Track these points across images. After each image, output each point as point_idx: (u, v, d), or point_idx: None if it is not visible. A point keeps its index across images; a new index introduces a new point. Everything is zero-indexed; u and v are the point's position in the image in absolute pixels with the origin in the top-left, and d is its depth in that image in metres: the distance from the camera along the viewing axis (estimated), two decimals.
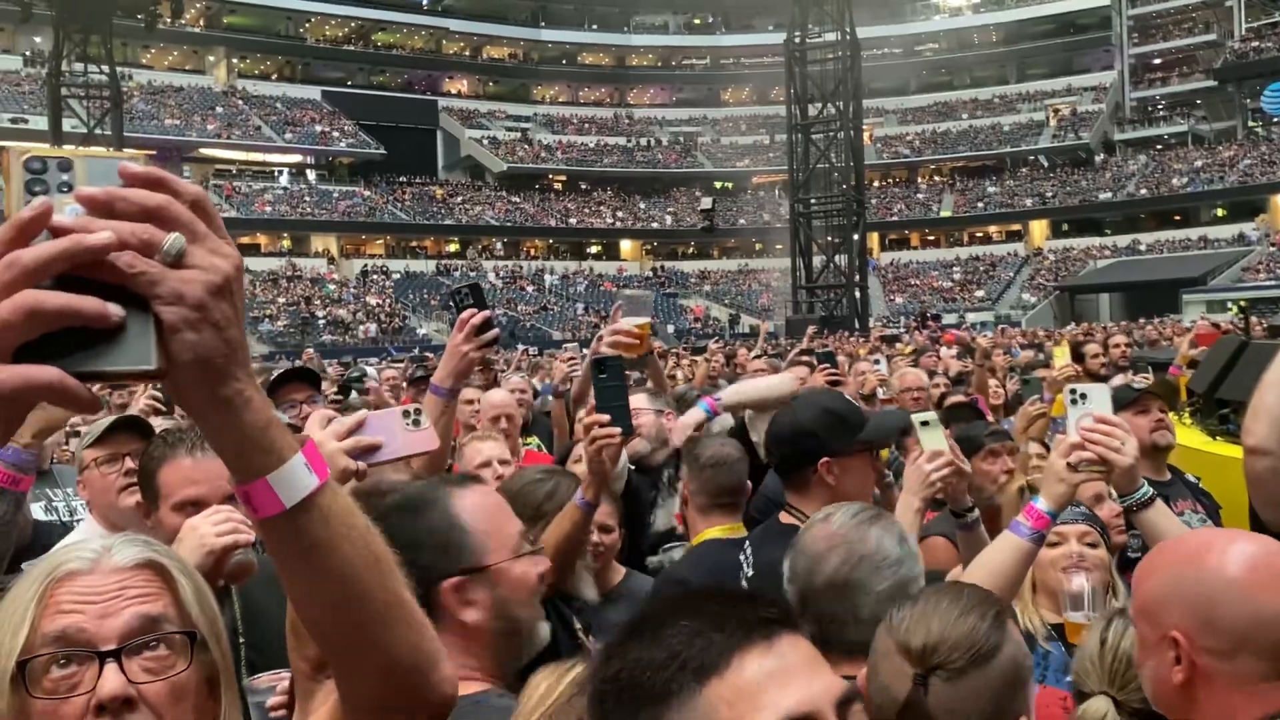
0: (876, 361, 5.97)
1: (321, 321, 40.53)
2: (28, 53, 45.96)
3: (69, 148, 0.74)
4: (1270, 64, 50.02)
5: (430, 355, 22.02)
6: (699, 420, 3.31)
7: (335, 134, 51.15)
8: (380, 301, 43.86)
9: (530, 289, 48.60)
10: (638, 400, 3.23)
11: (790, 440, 2.46)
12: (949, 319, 36.52)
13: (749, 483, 2.91)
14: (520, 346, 31.42)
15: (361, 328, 40.42)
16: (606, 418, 2.37)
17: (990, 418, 4.37)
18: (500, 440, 3.42)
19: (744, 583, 2.36)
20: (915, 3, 59.47)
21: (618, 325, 3.28)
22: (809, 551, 1.80)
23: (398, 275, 46.95)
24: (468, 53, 58.82)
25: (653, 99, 63.10)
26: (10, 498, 1.94)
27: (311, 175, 51.52)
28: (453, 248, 51.56)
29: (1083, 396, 2.08)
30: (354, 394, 7.77)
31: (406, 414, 1.69)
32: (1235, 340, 3.92)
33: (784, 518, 2.45)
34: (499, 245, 52.56)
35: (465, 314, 2.33)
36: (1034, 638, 2.33)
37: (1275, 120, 49.96)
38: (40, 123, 36.11)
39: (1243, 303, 34.74)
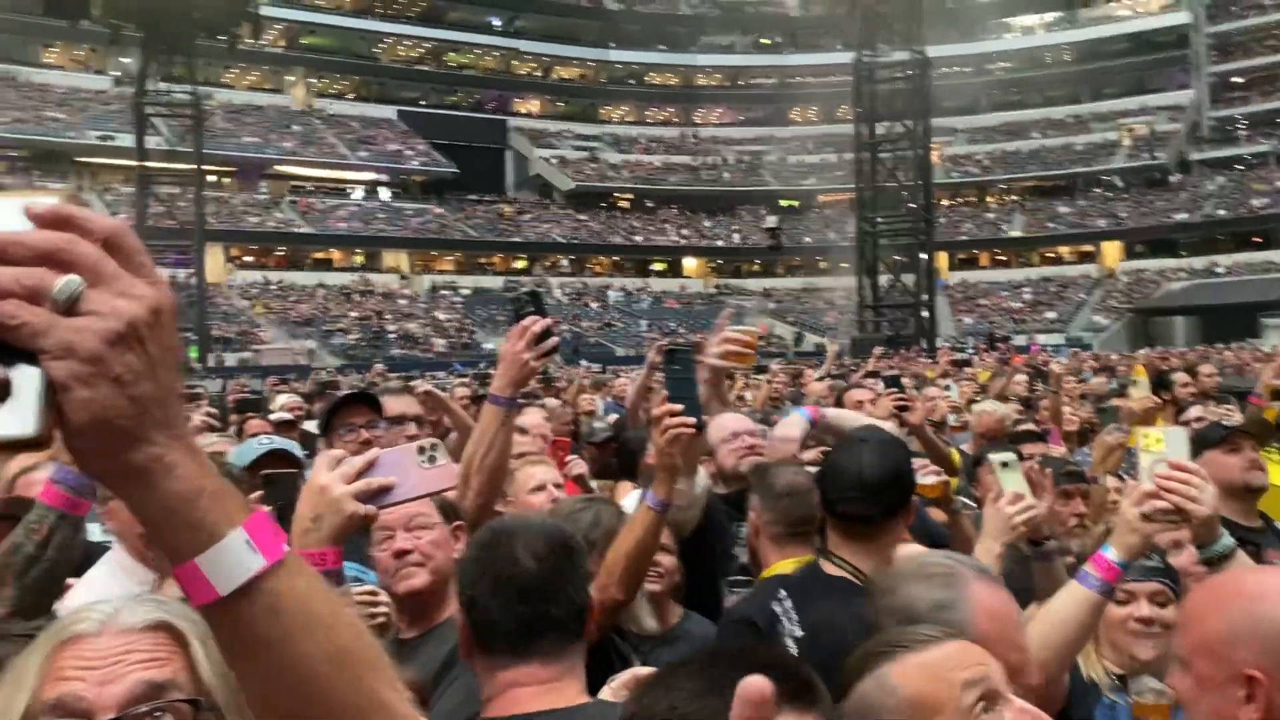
0: (947, 387, 5.92)
1: (391, 336, 41.23)
2: (116, 73, 47.62)
3: None
4: None
5: (492, 372, 22.39)
6: (802, 429, 3.16)
7: (408, 152, 52.16)
8: (449, 317, 44.52)
9: (595, 306, 48.93)
10: (733, 420, 3.21)
11: (881, 489, 2.29)
12: (1018, 341, 35.92)
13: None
14: (584, 363, 31.66)
15: (430, 342, 41.03)
16: (679, 407, 2.28)
17: (1064, 447, 4.36)
18: (552, 463, 3.33)
19: (790, 641, 2.24)
20: (986, 21, 58.76)
21: (730, 331, 3.13)
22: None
23: (466, 291, 47.64)
24: (538, 73, 59.61)
25: (719, 118, 63.24)
26: (70, 522, 1.89)
27: (385, 193, 52.56)
28: (520, 265, 52.19)
29: (1156, 440, 1.96)
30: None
31: (421, 450, 1.57)
32: None
33: (829, 569, 2.33)
34: (565, 262, 53.05)
35: (526, 320, 2.30)
36: (1098, 688, 2.21)
37: None
38: (126, 140, 37.42)
39: None
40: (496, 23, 57.83)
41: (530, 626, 1.67)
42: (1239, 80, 55.65)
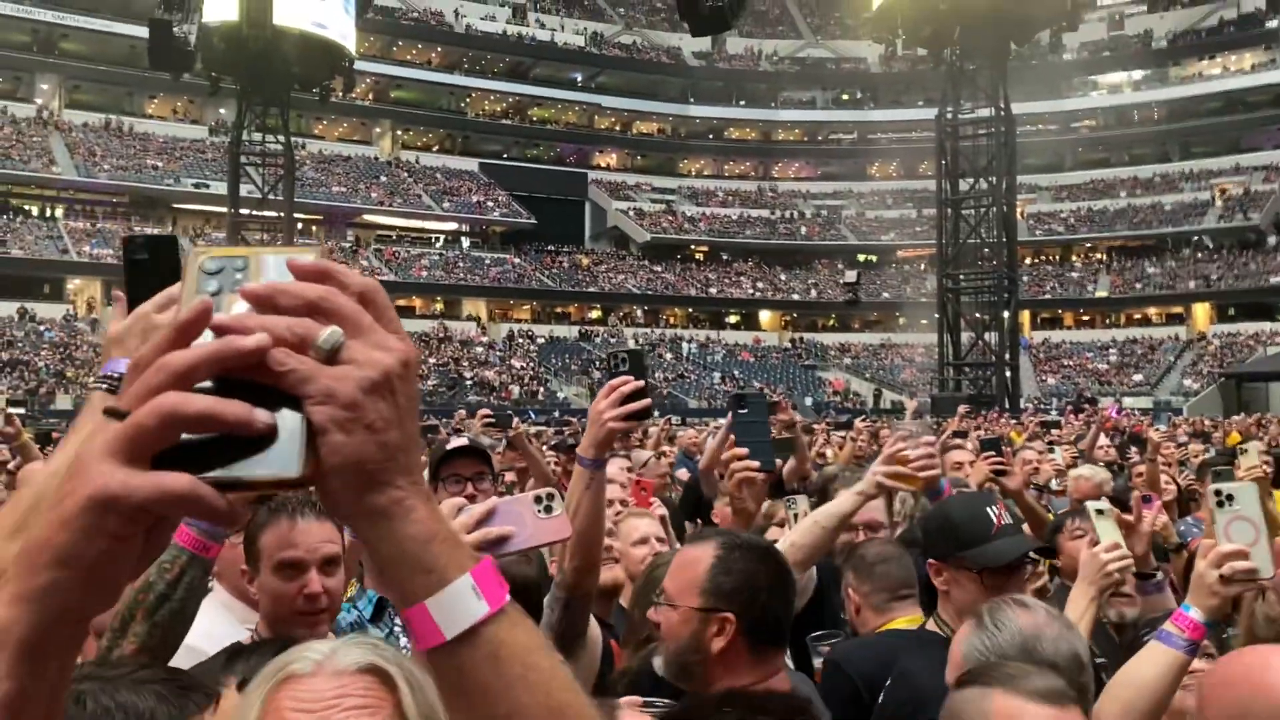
0: (1051, 448, 5.70)
1: (469, 382, 41.69)
2: (213, 123, 49.56)
3: (248, 247, 0.74)
4: None
5: (573, 420, 22.41)
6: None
7: (489, 204, 53.17)
8: (524, 364, 44.93)
9: (668, 357, 48.96)
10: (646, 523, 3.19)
11: (924, 536, 2.40)
12: (1105, 403, 34.96)
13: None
14: (656, 413, 31.62)
15: (506, 389, 41.40)
16: (745, 451, 2.31)
17: (1165, 516, 4.14)
18: (654, 517, 3.34)
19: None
20: (1072, 79, 58.08)
21: (903, 450, 2.87)
22: None
23: (542, 340, 48.09)
24: (617, 128, 60.48)
25: (797, 172, 63.32)
26: (200, 564, 1.89)
27: (465, 242, 53.57)
28: (595, 314, 52.58)
29: (1229, 498, 1.92)
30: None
31: (539, 500, 1.60)
32: None
33: (931, 625, 2.40)
34: (640, 313, 53.28)
35: (614, 381, 2.24)
36: None
37: None
38: (220, 188, 38.79)
39: None
40: (579, 78, 58.92)
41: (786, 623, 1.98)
42: None
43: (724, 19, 27.83)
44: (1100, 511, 2.32)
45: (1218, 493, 1.92)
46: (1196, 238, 53.32)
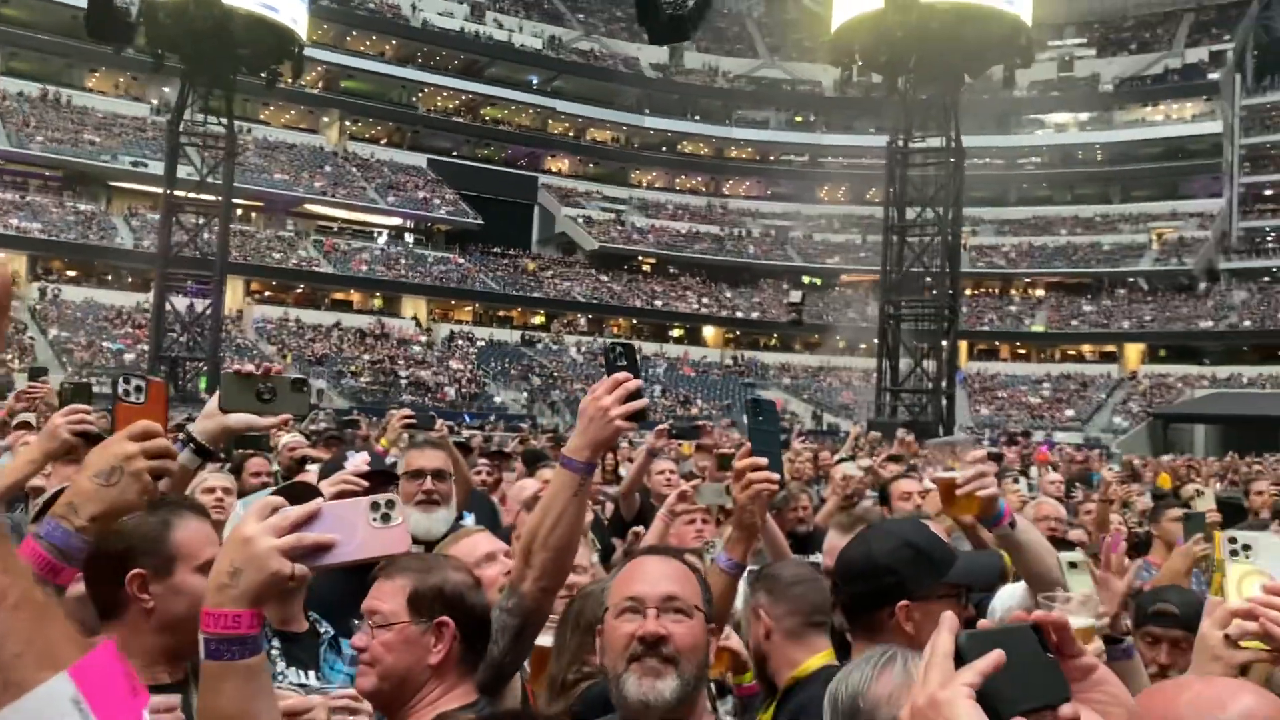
0: (1015, 480, 5.49)
1: (404, 381, 41.01)
2: (155, 101, 48.26)
3: None
4: None
5: (522, 427, 22.06)
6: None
7: (436, 201, 52.48)
8: (462, 367, 44.33)
9: None
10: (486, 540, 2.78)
11: (864, 576, 2.09)
12: (1037, 437, 35.41)
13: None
14: None
15: (442, 391, 40.78)
16: (764, 460, 2.11)
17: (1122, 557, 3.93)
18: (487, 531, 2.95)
19: None
20: (1021, 116, 59.14)
21: (942, 476, 2.55)
22: None
23: (482, 343, 47.54)
24: (571, 133, 60.17)
25: (748, 191, 63.59)
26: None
27: (409, 239, 52.79)
28: (538, 320, 52.13)
29: (1245, 548, 1.66)
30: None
31: (375, 506, 1.42)
32: None
33: None
34: (583, 321, 52.96)
35: (618, 375, 1.98)
36: None
37: None
38: (158, 167, 37.66)
39: None
40: (534, 81, 58.53)
41: None
42: (1270, 193, 55.72)
43: (683, 28, 27.74)
44: (1073, 564, 2.08)
45: (1232, 540, 1.66)
46: (1132, 279, 54.52)
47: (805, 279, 57.42)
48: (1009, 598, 2.60)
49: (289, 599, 2.40)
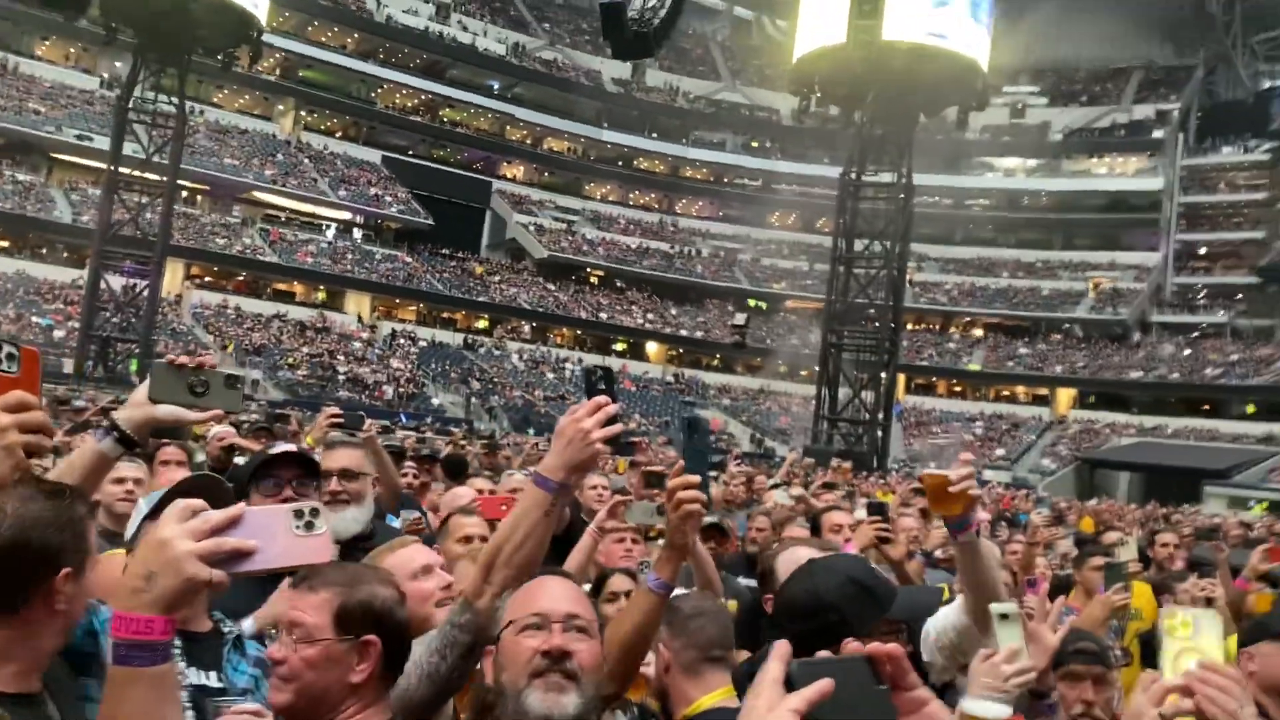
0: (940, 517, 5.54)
1: (341, 377, 40.48)
2: (105, 75, 47.20)
3: None
4: None
5: (454, 430, 21.86)
6: None
7: (388, 198, 51.97)
8: (403, 366, 43.87)
9: (551, 376, 48.55)
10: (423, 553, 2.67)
11: (808, 614, 2.07)
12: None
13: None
14: (531, 432, 31.17)
15: (380, 389, 40.32)
16: (696, 479, 2.06)
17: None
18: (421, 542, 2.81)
19: None
20: (972, 158, 60.31)
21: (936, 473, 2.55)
22: None
23: (424, 343, 47.09)
24: (529, 141, 60.05)
25: (700, 211, 63.95)
26: None
27: (357, 234, 52.19)
28: (482, 324, 51.82)
29: (1184, 624, 1.60)
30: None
31: (299, 514, 1.39)
32: None
33: None
34: (527, 329, 52.75)
35: (600, 398, 1.96)
36: None
37: None
38: (104, 142, 36.80)
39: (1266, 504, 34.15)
40: (495, 86, 58.34)
41: None
42: (1203, 251, 57.46)
43: (647, 46, 27.88)
44: (1005, 616, 2.03)
45: (1172, 615, 1.60)
46: (1068, 325, 55.75)
47: (751, 302, 57.86)
48: (943, 619, 2.63)
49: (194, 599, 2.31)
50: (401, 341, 46.56)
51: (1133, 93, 60.24)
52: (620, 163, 62.03)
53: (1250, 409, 47.66)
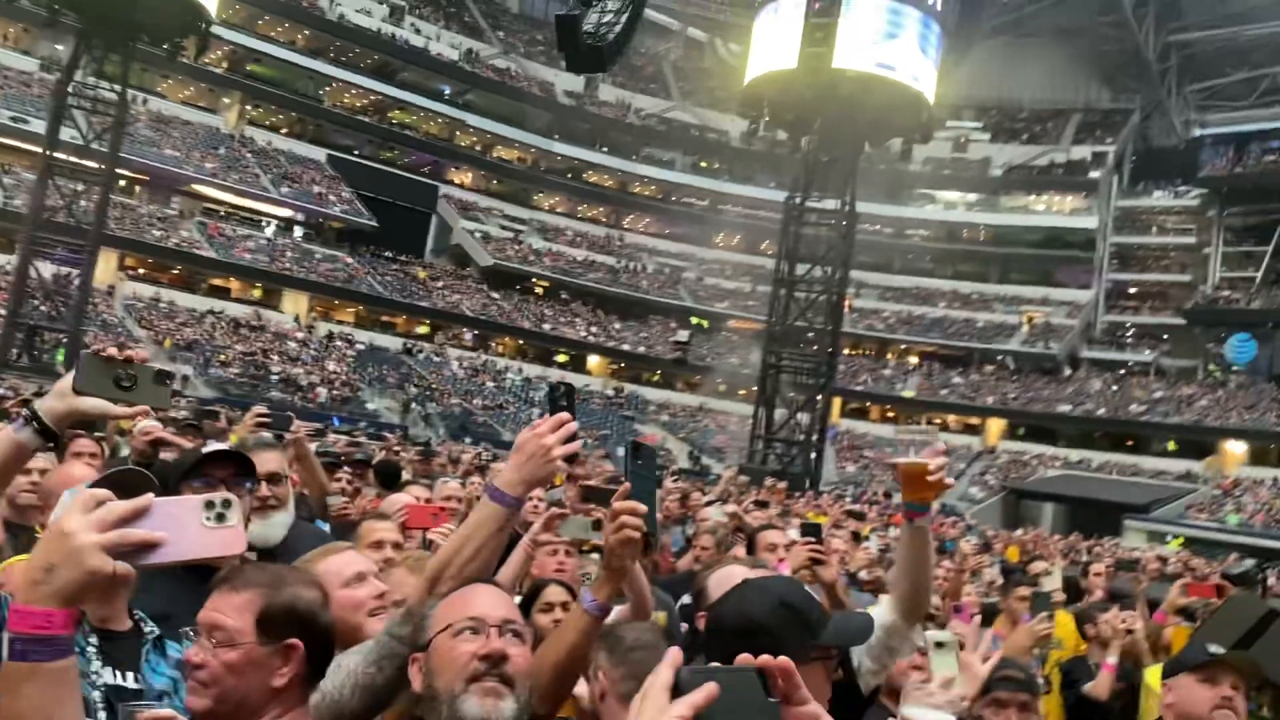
0: (867, 538, 5.63)
1: (274, 377, 39.80)
2: (44, 57, 46.01)
3: None
4: (1237, 315, 52.08)
5: (389, 435, 21.59)
6: None
7: (331, 198, 51.29)
8: (339, 369, 43.26)
9: (490, 385, 48.24)
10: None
11: (737, 635, 1.98)
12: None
13: None
14: (468, 440, 30.92)
15: (314, 391, 39.70)
16: (643, 508, 2.02)
17: (971, 627, 4.08)
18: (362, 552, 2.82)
19: None
20: (914, 190, 61.40)
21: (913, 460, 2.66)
22: None
23: (362, 346, 46.49)
24: (478, 148, 59.77)
25: (647, 227, 64.16)
26: None
27: (298, 232, 51.43)
28: (423, 329, 51.29)
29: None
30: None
31: (210, 505, 1.35)
32: (1261, 605, 3.67)
33: None
34: (469, 336, 52.36)
35: (562, 415, 1.97)
36: None
37: (1234, 369, 51.60)
38: (39, 126, 35.85)
39: (1182, 539, 35.13)
40: (447, 91, 58.03)
41: None
42: (1133, 291, 59.07)
43: (601, 60, 27.96)
44: (940, 644, 2.07)
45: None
46: (1001, 357, 56.86)
47: (693, 319, 58.15)
48: (878, 611, 2.65)
49: (112, 596, 2.23)
50: (338, 343, 45.92)
51: (1071, 133, 61.82)
52: (570, 175, 62.05)
53: (1171, 446, 49.03)
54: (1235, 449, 46.74)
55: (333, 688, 1.86)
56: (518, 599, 2.57)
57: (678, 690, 0.99)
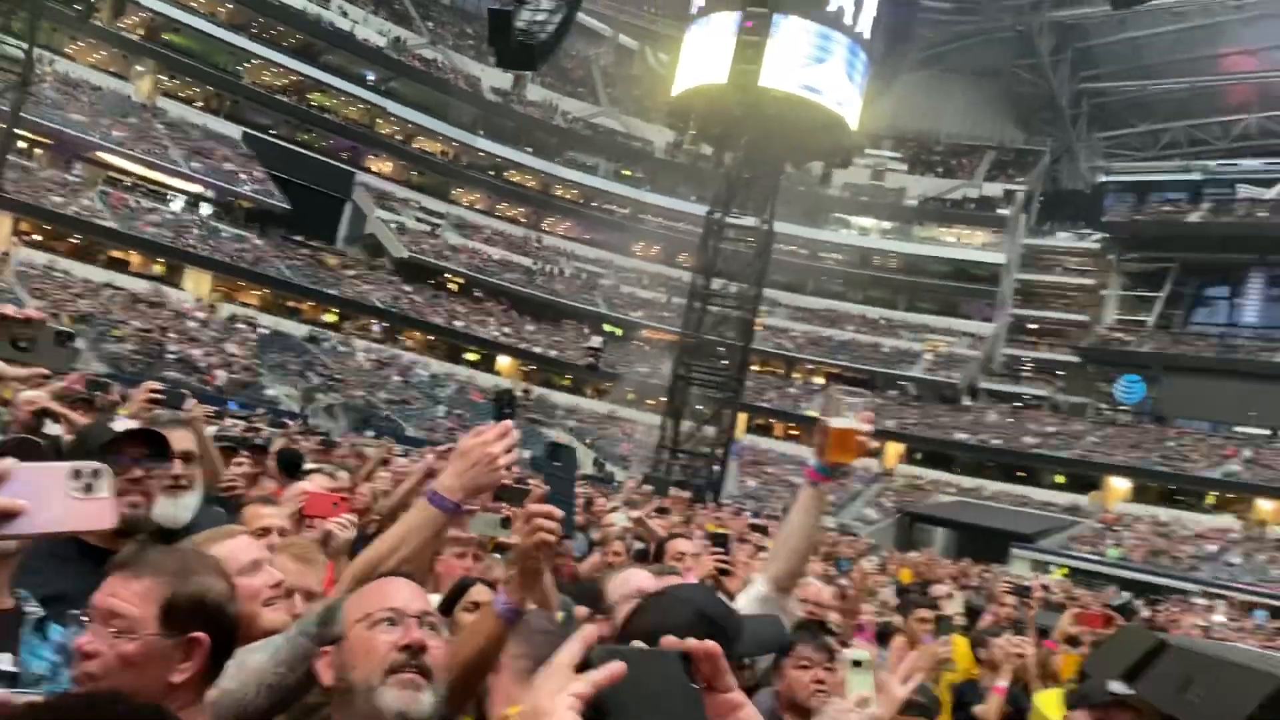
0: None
1: (171, 356, 38.53)
2: None
3: None
4: (1128, 356, 54.23)
5: (289, 422, 21.07)
6: None
7: (243, 176, 49.91)
8: (240, 352, 42.07)
9: (397, 379, 47.46)
10: (642, 577, 2.70)
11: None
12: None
13: None
14: (370, 433, 30.33)
15: (212, 373, 38.54)
16: (560, 513, 2.00)
17: (874, 647, 4.12)
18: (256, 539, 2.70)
19: None
20: (830, 213, 62.55)
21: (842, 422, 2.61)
22: None
23: (265, 331, 45.29)
24: (399, 137, 58.87)
25: (567, 231, 63.96)
26: None
27: (206, 209, 49.89)
28: (330, 318, 50.18)
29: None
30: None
31: (77, 474, 1.28)
32: (1150, 637, 3.74)
33: None
34: (377, 328, 51.44)
35: (507, 423, 1.93)
36: None
37: (1122, 408, 53.70)
38: None
39: (1066, 570, 36.35)
40: (371, 77, 57.05)
41: None
42: (1033, 327, 61.04)
43: (531, 58, 27.82)
44: (858, 663, 2.05)
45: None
46: (903, 383, 58.15)
47: (607, 327, 58.14)
48: (742, 602, 2.63)
49: None
50: (240, 326, 44.66)
51: (985, 170, 63.68)
52: (492, 172, 61.53)
53: (1060, 479, 50.71)
54: (1119, 485, 48.58)
55: (236, 687, 1.76)
56: (435, 597, 2.49)
57: (589, 670, 0.94)
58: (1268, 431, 48.86)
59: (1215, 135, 58.56)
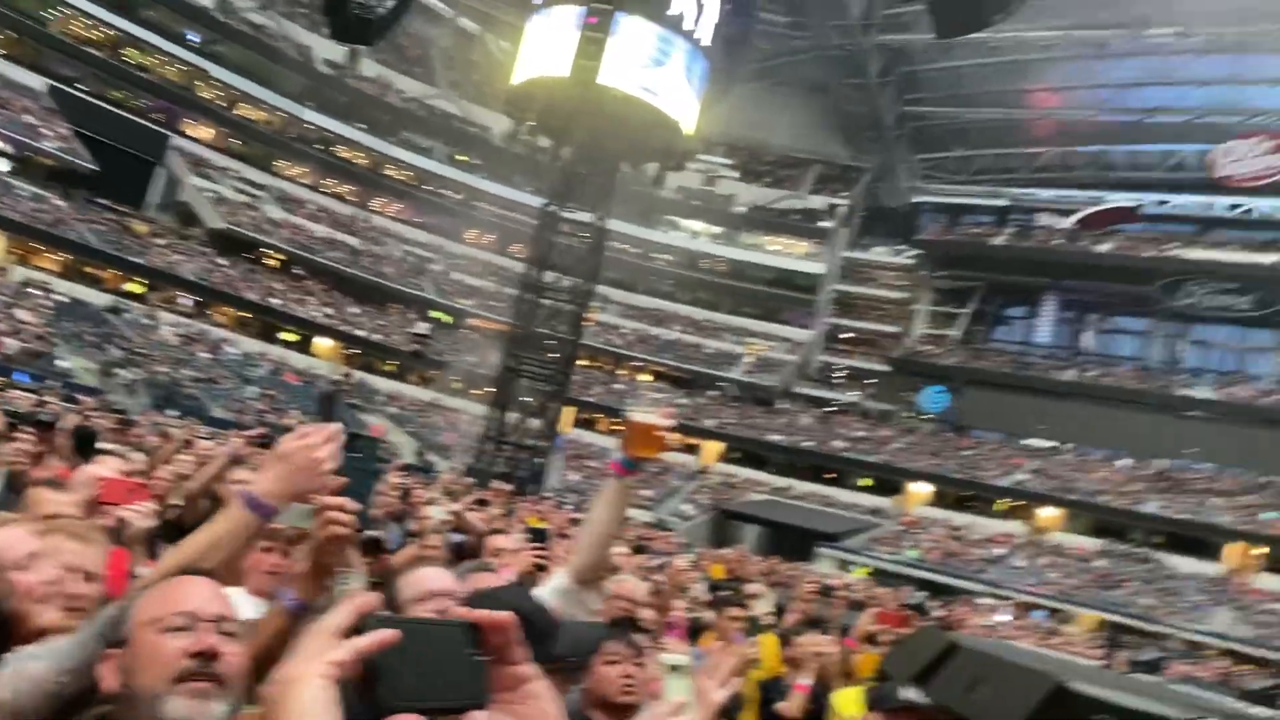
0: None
1: None
2: None
3: None
4: (933, 368, 57.50)
5: (86, 398, 19.72)
6: None
7: (47, 132, 46.35)
8: (33, 320, 39.10)
9: (205, 355, 45.16)
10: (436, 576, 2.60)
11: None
12: None
13: None
14: (173, 412, 28.77)
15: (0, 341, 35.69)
16: (355, 506, 1.93)
17: (686, 645, 4.20)
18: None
19: None
20: (663, 215, 63.52)
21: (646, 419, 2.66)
22: None
23: (62, 298, 42.23)
24: (221, 102, 55.92)
25: (397, 213, 62.40)
26: None
27: (2, 164, 46.08)
28: (135, 288, 47.19)
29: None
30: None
31: None
32: (943, 638, 3.97)
33: None
34: (186, 301, 48.74)
35: (335, 426, 1.85)
36: None
37: (925, 417, 56.84)
38: None
39: (870, 569, 38.14)
40: (193, 38, 54.06)
41: None
42: (847, 336, 63.77)
43: (367, 33, 27.07)
44: (675, 668, 2.01)
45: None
46: (723, 384, 59.65)
47: (434, 313, 57.11)
48: (546, 594, 2.64)
49: None
50: (34, 292, 41.50)
51: (811, 183, 66.01)
52: (320, 146, 59.30)
53: (866, 482, 53.16)
54: (920, 490, 51.33)
55: (11, 696, 1.62)
56: (238, 592, 2.38)
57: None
58: (1054, 444, 52.70)
59: (1020, 164, 62.64)
